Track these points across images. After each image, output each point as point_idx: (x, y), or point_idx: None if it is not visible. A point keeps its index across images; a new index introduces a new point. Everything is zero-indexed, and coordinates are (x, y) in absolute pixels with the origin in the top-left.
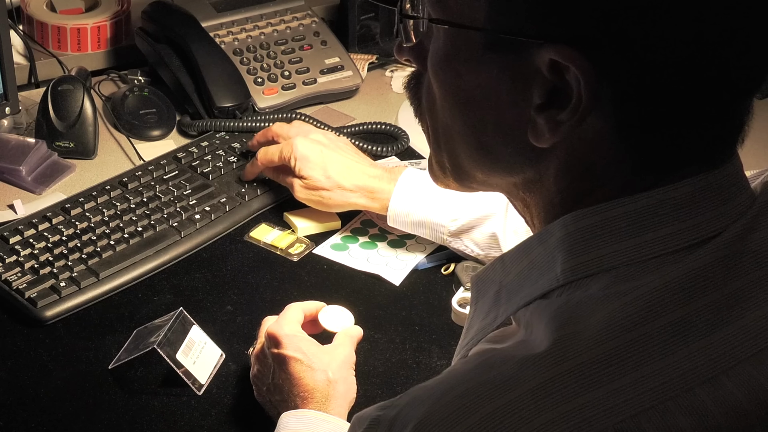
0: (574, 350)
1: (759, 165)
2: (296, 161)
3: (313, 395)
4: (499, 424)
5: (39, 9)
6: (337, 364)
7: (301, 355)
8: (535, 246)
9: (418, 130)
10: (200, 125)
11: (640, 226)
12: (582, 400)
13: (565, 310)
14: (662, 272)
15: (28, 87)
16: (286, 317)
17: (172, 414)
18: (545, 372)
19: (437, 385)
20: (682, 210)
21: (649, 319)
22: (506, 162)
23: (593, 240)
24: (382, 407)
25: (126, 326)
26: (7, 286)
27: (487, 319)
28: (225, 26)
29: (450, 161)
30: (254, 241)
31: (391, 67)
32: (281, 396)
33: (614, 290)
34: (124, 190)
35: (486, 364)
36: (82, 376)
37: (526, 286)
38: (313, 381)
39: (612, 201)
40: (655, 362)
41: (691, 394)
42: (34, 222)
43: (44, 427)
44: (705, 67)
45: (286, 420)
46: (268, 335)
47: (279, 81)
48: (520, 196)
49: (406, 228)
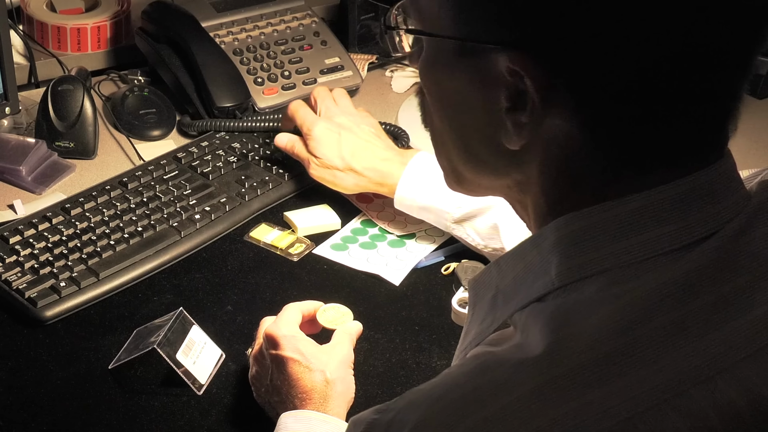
0: (568, 353)
1: (759, 165)
2: (311, 141)
3: (311, 396)
4: (492, 429)
5: (39, 9)
6: (336, 363)
7: (299, 356)
8: (529, 250)
9: (418, 130)
10: (200, 125)
11: (633, 228)
12: (576, 403)
13: (560, 313)
14: (656, 274)
15: (28, 87)
16: (283, 318)
17: (172, 414)
18: (539, 376)
19: (433, 388)
20: (674, 211)
21: (644, 321)
22: (491, 165)
23: (586, 243)
24: (378, 410)
25: (126, 326)
26: (7, 286)
27: (484, 323)
28: (225, 26)
29: (447, 165)
30: (254, 241)
31: (391, 67)
32: (279, 397)
33: (609, 293)
34: (124, 190)
35: (481, 367)
36: (82, 376)
37: (522, 289)
38: (311, 382)
39: (604, 203)
40: (650, 364)
41: (686, 396)
42: (34, 222)
43: (44, 427)
44: (657, 68)
45: (285, 420)
46: (266, 336)
47: (279, 81)
48: (517, 198)
49: (412, 212)
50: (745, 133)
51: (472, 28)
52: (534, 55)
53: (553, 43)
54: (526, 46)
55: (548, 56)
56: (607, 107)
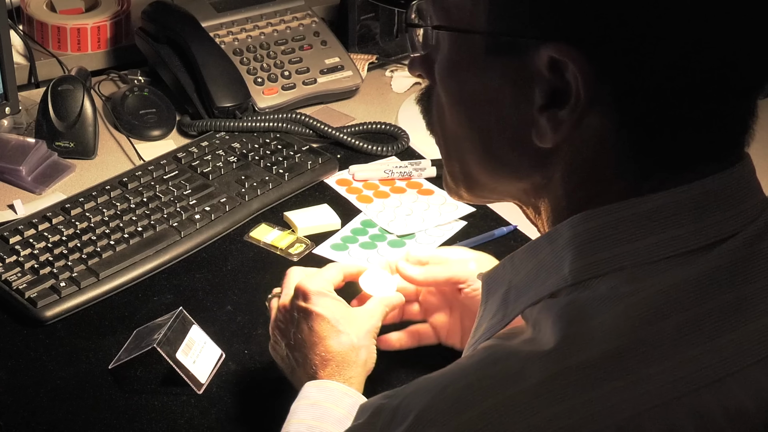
0: (578, 348)
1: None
2: None
3: (335, 357)
4: (500, 418)
5: (39, 9)
6: (364, 330)
7: (330, 314)
8: (543, 246)
9: (418, 130)
10: (200, 125)
11: (649, 228)
12: (585, 397)
13: (572, 308)
14: (671, 274)
15: (28, 87)
16: (320, 274)
17: (172, 413)
18: (549, 368)
19: (441, 376)
20: (692, 213)
21: (657, 319)
22: (513, 166)
23: (602, 241)
24: (386, 396)
25: (126, 326)
26: (7, 286)
27: (495, 318)
28: (225, 26)
29: (461, 170)
30: (254, 241)
31: (391, 67)
32: (301, 353)
33: (622, 291)
34: (124, 190)
35: (491, 358)
36: (82, 376)
37: (535, 285)
38: (337, 343)
39: (621, 202)
40: (661, 362)
41: (695, 395)
42: (34, 222)
43: (44, 427)
44: (703, 67)
45: (308, 390)
46: (297, 289)
47: (279, 81)
48: (531, 203)
49: None
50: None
51: (511, 23)
52: (584, 49)
53: (604, 39)
54: (576, 40)
55: (598, 52)
56: (647, 107)
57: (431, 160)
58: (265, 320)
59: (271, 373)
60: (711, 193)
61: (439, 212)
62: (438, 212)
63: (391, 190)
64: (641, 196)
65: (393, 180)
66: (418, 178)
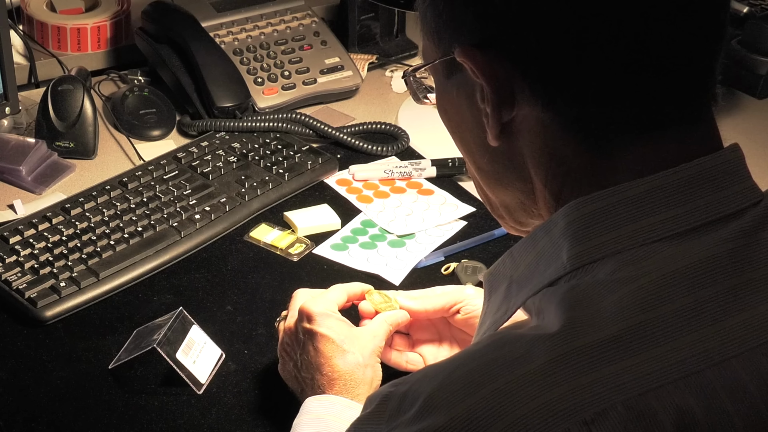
0: (584, 330)
1: (759, 165)
2: None
3: (341, 376)
4: (508, 398)
5: (39, 9)
6: (369, 349)
7: (334, 335)
8: (541, 236)
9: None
10: (200, 125)
11: (641, 211)
12: (592, 376)
13: (574, 294)
14: (670, 256)
15: (28, 87)
16: (325, 295)
17: (171, 414)
18: (556, 349)
19: (449, 362)
20: (680, 195)
21: (661, 303)
22: (496, 176)
23: (596, 226)
24: (394, 384)
25: (126, 326)
26: (7, 286)
27: (499, 313)
28: (225, 26)
29: (485, 199)
30: (254, 241)
31: (391, 67)
32: (309, 373)
33: (622, 275)
34: (124, 190)
35: (498, 342)
36: (82, 376)
37: (535, 276)
38: (343, 362)
39: (612, 188)
40: (667, 343)
41: (700, 376)
42: (34, 222)
43: (44, 427)
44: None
45: (310, 404)
46: (301, 311)
47: (279, 81)
48: (536, 214)
49: None
50: (745, 133)
51: (444, 46)
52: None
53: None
54: (477, 43)
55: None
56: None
57: (431, 160)
58: (265, 320)
59: (271, 373)
60: (698, 175)
61: (439, 212)
62: (438, 212)
63: (391, 190)
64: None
65: (393, 180)
66: (418, 178)
